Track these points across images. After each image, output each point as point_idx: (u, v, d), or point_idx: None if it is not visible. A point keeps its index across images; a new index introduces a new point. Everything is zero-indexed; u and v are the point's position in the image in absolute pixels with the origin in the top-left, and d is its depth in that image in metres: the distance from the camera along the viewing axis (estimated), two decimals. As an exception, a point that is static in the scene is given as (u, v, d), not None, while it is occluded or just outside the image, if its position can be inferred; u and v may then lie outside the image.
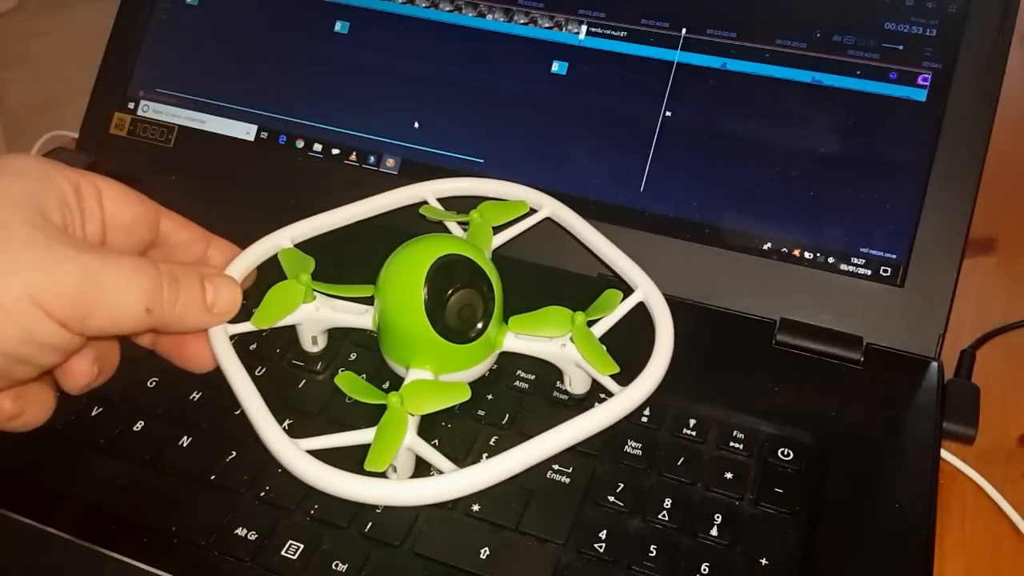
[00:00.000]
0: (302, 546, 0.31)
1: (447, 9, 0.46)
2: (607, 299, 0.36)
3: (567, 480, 0.33)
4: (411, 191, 0.42)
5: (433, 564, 0.31)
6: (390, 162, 0.46)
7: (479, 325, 0.34)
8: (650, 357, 0.34)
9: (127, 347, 0.34)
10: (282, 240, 0.39)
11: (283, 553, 0.31)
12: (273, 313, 0.36)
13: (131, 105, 0.50)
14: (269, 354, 0.38)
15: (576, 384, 0.36)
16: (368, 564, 0.31)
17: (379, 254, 0.35)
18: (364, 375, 0.37)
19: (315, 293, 0.36)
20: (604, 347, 0.34)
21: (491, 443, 0.35)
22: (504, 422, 0.35)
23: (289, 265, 0.37)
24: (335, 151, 0.47)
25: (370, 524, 0.32)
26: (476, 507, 0.32)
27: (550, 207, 0.41)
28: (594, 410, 0.33)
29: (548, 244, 0.42)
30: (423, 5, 0.46)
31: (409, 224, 0.41)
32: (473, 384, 0.34)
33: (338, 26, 0.48)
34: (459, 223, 0.41)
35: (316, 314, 0.36)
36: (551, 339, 0.35)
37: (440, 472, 0.32)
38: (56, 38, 0.73)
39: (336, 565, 0.31)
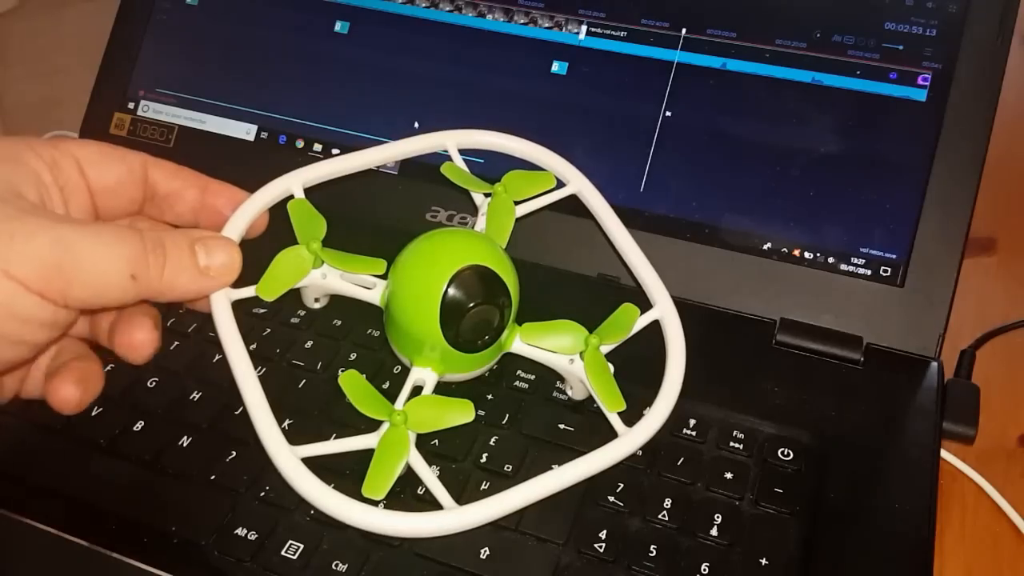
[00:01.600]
0: (302, 546, 0.31)
1: (447, 9, 0.46)
2: (622, 317, 0.35)
3: (567, 480, 0.33)
4: (433, 139, 0.39)
5: (433, 564, 0.31)
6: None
7: (491, 337, 0.33)
8: (659, 391, 0.33)
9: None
10: (293, 186, 0.36)
11: (283, 553, 0.31)
12: (279, 282, 0.33)
13: (131, 105, 0.50)
14: (270, 354, 0.38)
15: (577, 392, 0.36)
16: (368, 564, 0.31)
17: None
18: (364, 374, 0.36)
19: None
20: (612, 372, 0.33)
21: (491, 444, 0.35)
22: (504, 422, 0.35)
23: (300, 225, 0.34)
24: (335, 151, 0.47)
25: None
26: (476, 507, 0.32)
27: (577, 184, 0.39)
28: (596, 453, 0.32)
29: (552, 241, 0.42)
30: (423, 5, 0.46)
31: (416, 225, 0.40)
32: (473, 384, 0.34)
33: (338, 26, 0.48)
34: (483, 194, 0.38)
35: (323, 281, 0.34)
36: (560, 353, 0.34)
37: (436, 499, 0.31)
38: (56, 38, 0.73)
39: (336, 565, 0.31)
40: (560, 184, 0.39)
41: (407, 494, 0.33)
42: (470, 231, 0.35)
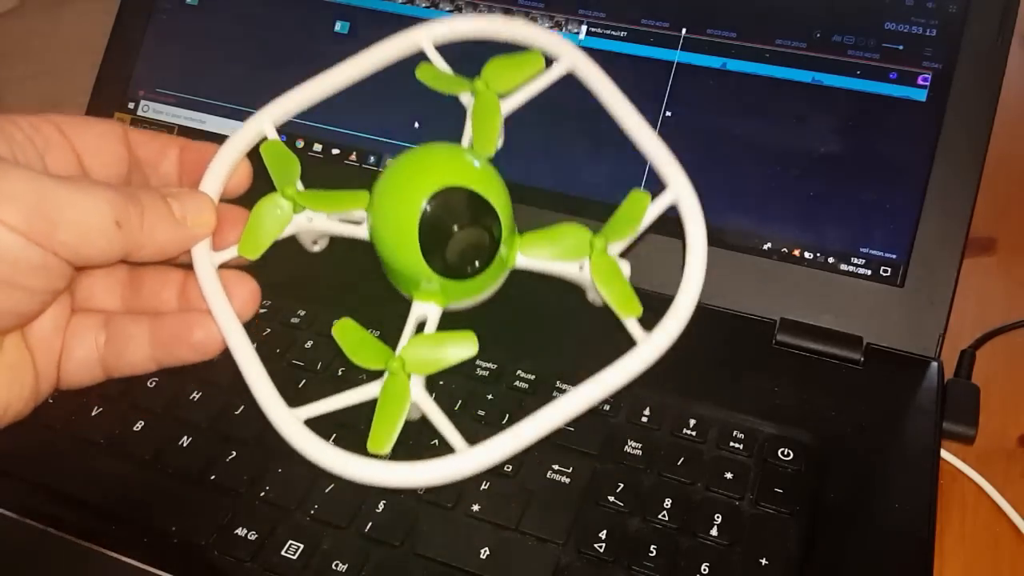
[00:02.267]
0: (302, 546, 0.31)
1: (447, 9, 0.46)
2: (632, 208, 0.31)
3: (567, 480, 0.33)
4: (404, 40, 0.35)
5: (433, 564, 0.31)
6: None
7: (483, 260, 0.30)
8: (679, 287, 0.30)
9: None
10: (263, 125, 0.33)
11: (283, 553, 0.31)
12: (261, 237, 0.31)
13: (131, 105, 0.50)
14: (270, 354, 0.38)
15: (597, 297, 0.32)
16: (368, 564, 0.31)
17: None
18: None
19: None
20: (626, 269, 0.31)
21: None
22: (504, 422, 0.35)
23: (275, 168, 0.32)
24: (335, 151, 0.47)
25: (370, 524, 0.32)
26: (476, 507, 0.32)
27: (570, 58, 0.34)
28: (614, 366, 0.29)
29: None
30: (423, 5, 0.46)
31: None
32: (474, 383, 0.33)
33: (338, 26, 0.48)
34: (469, 93, 0.34)
35: (310, 225, 0.32)
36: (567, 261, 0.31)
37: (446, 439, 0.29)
38: (56, 38, 0.73)
39: (336, 565, 0.31)
40: (550, 64, 0.35)
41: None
42: (445, 146, 0.31)
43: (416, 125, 0.45)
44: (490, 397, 0.36)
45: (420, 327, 0.32)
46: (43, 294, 0.27)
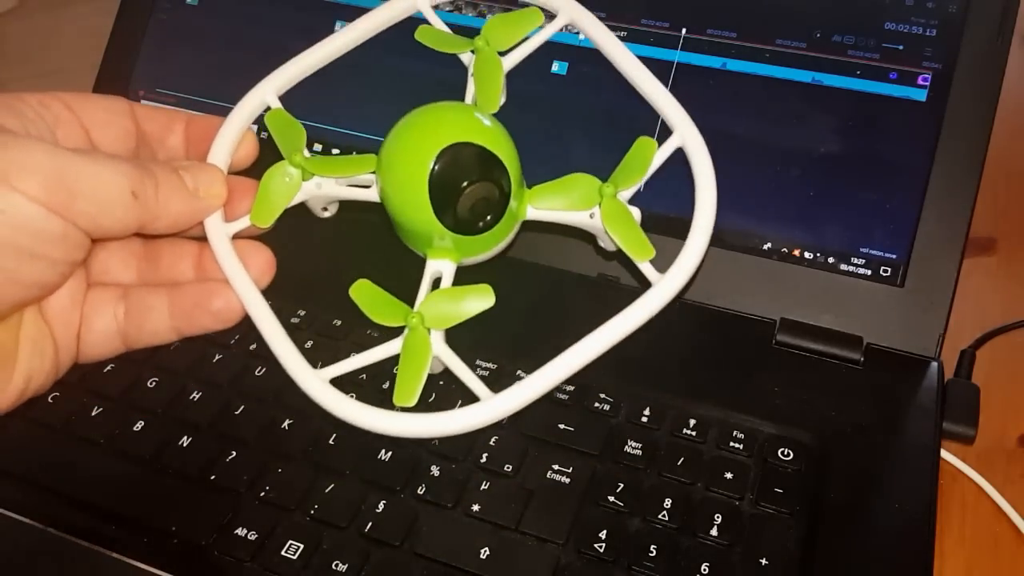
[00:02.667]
0: (302, 546, 0.31)
1: (447, 9, 0.46)
2: (639, 154, 0.32)
3: (567, 480, 0.33)
4: (401, 2, 0.36)
5: (433, 564, 0.31)
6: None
7: (494, 215, 0.31)
8: (690, 227, 0.31)
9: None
10: (267, 95, 0.34)
11: (283, 553, 0.31)
12: (272, 205, 0.32)
13: (131, 105, 0.50)
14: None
15: (608, 242, 0.33)
16: (368, 564, 0.31)
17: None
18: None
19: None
20: (637, 215, 0.31)
21: (491, 444, 0.34)
22: (504, 422, 0.35)
23: (281, 136, 0.33)
24: (335, 151, 0.47)
25: (370, 524, 0.32)
26: (476, 507, 0.32)
27: (568, 12, 0.35)
28: (631, 307, 0.29)
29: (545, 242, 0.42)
30: (423, 5, 0.46)
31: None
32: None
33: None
34: (470, 52, 0.35)
35: (319, 191, 0.32)
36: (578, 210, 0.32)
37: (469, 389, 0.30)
38: (56, 38, 0.73)
39: (336, 565, 0.31)
40: (550, 18, 0.35)
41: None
42: (450, 104, 0.32)
43: (416, 125, 0.45)
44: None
45: (436, 284, 0.32)
46: (63, 264, 0.27)
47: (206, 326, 0.31)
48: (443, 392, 0.36)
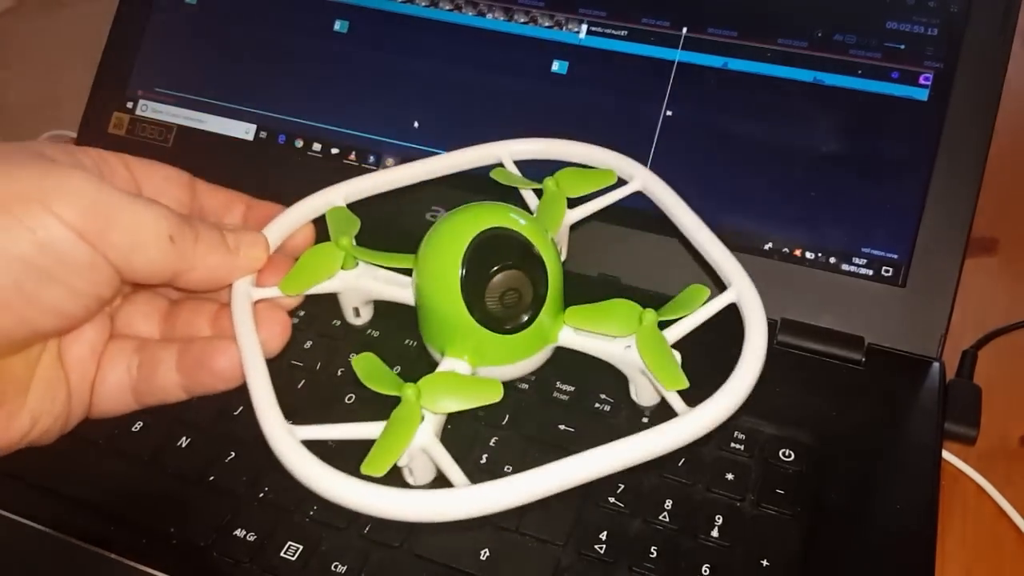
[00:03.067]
0: (301, 547, 0.31)
1: (447, 8, 0.46)
2: (688, 296, 0.31)
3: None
4: (485, 150, 0.37)
5: (433, 565, 0.31)
6: (389, 161, 0.46)
7: (526, 315, 0.30)
8: (733, 372, 0.29)
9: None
10: (334, 198, 0.35)
11: (282, 554, 0.31)
12: (305, 279, 0.32)
13: (130, 104, 0.50)
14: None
15: (642, 394, 0.32)
16: (367, 565, 0.31)
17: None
18: (398, 367, 0.33)
19: (357, 260, 0.33)
20: (677, 357, 0.30)
21: (491, 444, 0.34)
22: (504, 423, 0.35)
23: (335, 225, 0.33)
24: (334, 150, 0.46)
25: (369, 525, 0.32)
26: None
27: (642, 179, 0.36)
28: (647, 433, 0.28)
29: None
30: (423, 4, 0.46)
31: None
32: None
33: (337, 25, 0.47)
34: (534, 191, 0.36)
35: (356, 282, 0.33)
36: (614, 339, 0.31)
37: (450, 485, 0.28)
38: (55, 37, 0.73)
39: (335, 566, 0.31)
40: (622, 182, 0.37)
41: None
42: (502, 204, 0.31)
43: (416, 125, 0.45)
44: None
45: None
46: (86, 297, 0.27)
47: (208, 385, 0.30)
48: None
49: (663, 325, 0.31)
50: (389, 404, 0.29)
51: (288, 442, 0.27)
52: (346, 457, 0.28)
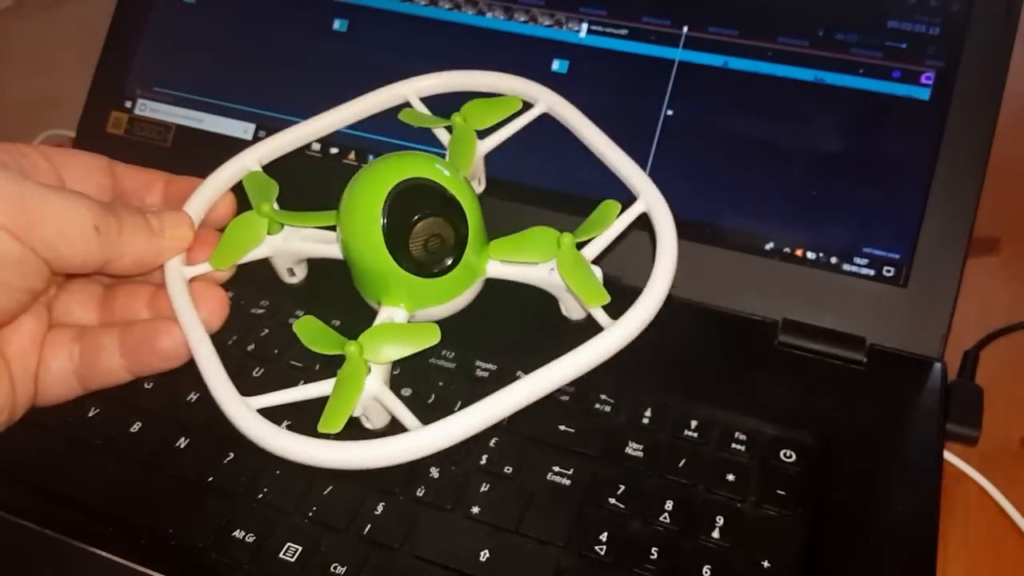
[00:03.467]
0: (300, 548, 0.31)
1: (446, 7, 0.46)
2: (602, 213, 0.32)
3: (567, 482, 0.33)
4: (390, 92, 0.38)
5: (432, 567, 0.31)
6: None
7: (450, 258, 0.31)
8: (649, 280, 0.31)
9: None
10: (248, 162, 0.35)
11: (281, 555, 0.31)
12: (234, 251, 0.32)
13: (128, 104, 0.50)
14: (267, 354, 0.38)
15: (572, 310, 0.33)
16: (367, 566, 0.31)
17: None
18: (337, 322, 0.33)
19: (281, 224, 0.33)
20: (599, 273, 0.31)
21: (491, 444, 0.34)
22: (504, 423, 0.35)
23: (253, 191, 0.34)
24: (333, 150, 0.46)
25: (369, 526, 0.32)
26: (476, 509, 0.32)
27: (546, 101, 0.36)
28: (577, 350, 0.29)
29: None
30: (422, 3, 0.46)
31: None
32: (473, 386, 0.33)
33: (336, 24, 0.47)
34: (446, 128, 0.36)
35: (284, 245, 0.33)
36: (537, 264, 0.32)
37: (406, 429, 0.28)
38: (53, 36, 0.72)
39: (334, 568, 0.31)
40: (528, 107, 0.37)
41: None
42: (413, 151, 0.32)
43: (415, 124, 0.45)
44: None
45: None
46: (18, 291, 0.27)
47: (153, 365, 0.30)
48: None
49: (581, 245, 0.31)
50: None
51: (245, 413, 0.28)
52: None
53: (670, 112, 0.42)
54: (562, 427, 0.35)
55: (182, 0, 0.50)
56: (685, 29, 0.42)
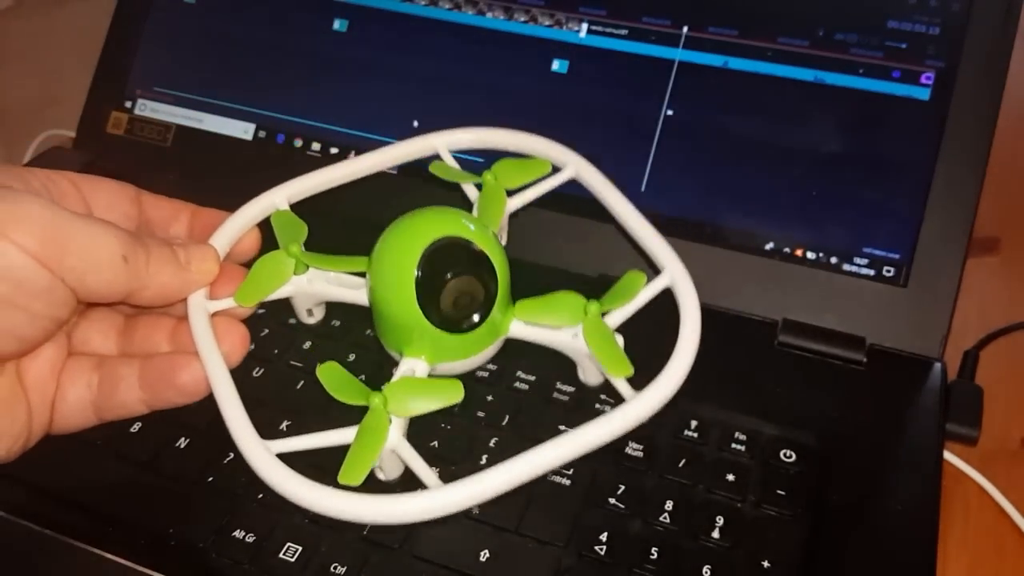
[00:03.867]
0: (300, 548, 0.31)
1: (447, 7, 0.46)
2: (628, 283, 0.33)
3: (567, 482, 0.33)
4: (422, 143, 0.38)
5: (432, 567, 0.31)
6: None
7: (478, 315, 0.31)
8: (672, 355, 0.31)
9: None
10: (277, 200, 0.36)
11: (281, 556, 0.31)
12: (259, 289, 0.33)
13: (128, 104, 0.50)
14: (267, 355, 0.38)
15: (590, 375, 0.34)
16: (367, 567, 0.31)
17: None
18: (354, 362, 0.34)
19: (308, 265, 0.34)
20: (621, 341, 0.31)
21: (491, 445, 0.34)
22: (504, 423, 0.35)
23: (282, 231, 0.34)
24: (333, 150, 0.46)
25: (369, 527, 0.32)
26: (476, 509, 0.32)
27: (575, 166, 0.37)
28: (598, 420, 0.29)
29: (548, 241, 0.42)
30: (422, 3, 0.46)
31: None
32: (471, 384, 0.33)
33: (337, 24, 0.47)
34: (474, 185, 0.37)
35: (308, 287, 0.34)
36: (561, 328, 0.32)
37: (424, 485, 0.29)
38: (53, 36, 0.72)
39: (334, 568, 0.31)
40: (556, 170, 0.38)
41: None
42: (448, 208, 0.33)
43: (416, 124, 0.45)
44: (490, 398, 0.36)
45: None
46: (45, 320, 0.27)
47: (171, 400, 0.30)
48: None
49: (605, 313, 0.32)
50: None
51: (265, 458, 0.29)
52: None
53: (670, 112, 0.42)
54: (562, 427, 0.35)
55: (182, 0, 0.50)
56: (685, 29, 0.42)
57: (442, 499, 0.28)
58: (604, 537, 0.31)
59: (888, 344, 0.38)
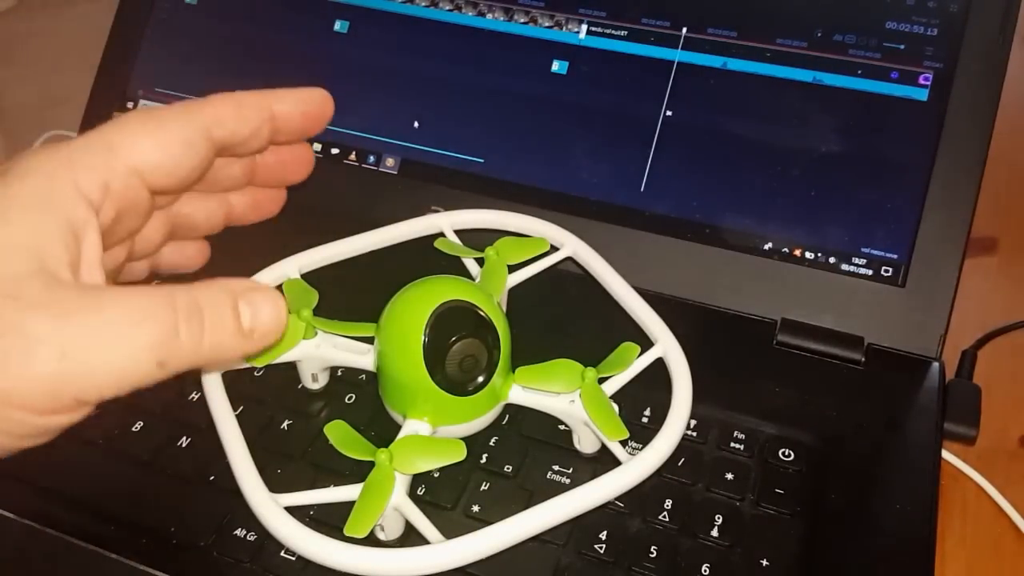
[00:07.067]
0: (301, 547, 0.31)
1: (447, 8, 0.46)
2: (622, 354, 0.34)
3: (567, 480, 0.33)
4: (427, 222, 0.41)
5: (432, 565, 0.31)
6: (390, 162, 0.46)
7: (481, 378, 0.32)
8: (666, 420, 0.32)
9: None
10: (289, 270, 0.38)
11: (282, 554, 0.31)
12: (270, 351, 0.34)
13: (130, 104, 0.50)
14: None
15: (584, 443, 0.34)
16: (367, 565, 0.31)
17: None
18: (360, 425, 0.34)
19: (316, 329, 0.35)
20: (616, 408, 0.32)
21: (491, 444, 0.34)
22: (504, 423, 0.35)
23: (292, 297, 0.36)
24: (334, 150, 0.47)
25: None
26: (476, 508, 0.32)
27: (572, 246, 0.39)
28: (595, 482, 0.30)
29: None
30: (423, 4, 0.46)
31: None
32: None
33: (337, 25, 0.47)
34: (476, 259, 0.39)
35: (316, 351, 0.35)
36: (559, 394, 0.33)
37: (425, 539, 0.30)
38: (55, 37, 0.73)
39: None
40: (555, 249, 0.40)
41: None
42: (455, 276, 0.34)
43: (416, 125, 0.45)
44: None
45: None
46: (26, 439, 0.25)
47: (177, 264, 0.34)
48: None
49: (601, 381, 0.33)
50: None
51: (275, 512, 0.30)
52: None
53: (669, 113, 0.42)
54: (562, 427, 0.35)
55: (184, 1, 0.50)
56: (684, 30, 0.42)
57: (447, 552, 0.28)
58: (603, 536, 0.32)
59: (886, 344, 0.39)
